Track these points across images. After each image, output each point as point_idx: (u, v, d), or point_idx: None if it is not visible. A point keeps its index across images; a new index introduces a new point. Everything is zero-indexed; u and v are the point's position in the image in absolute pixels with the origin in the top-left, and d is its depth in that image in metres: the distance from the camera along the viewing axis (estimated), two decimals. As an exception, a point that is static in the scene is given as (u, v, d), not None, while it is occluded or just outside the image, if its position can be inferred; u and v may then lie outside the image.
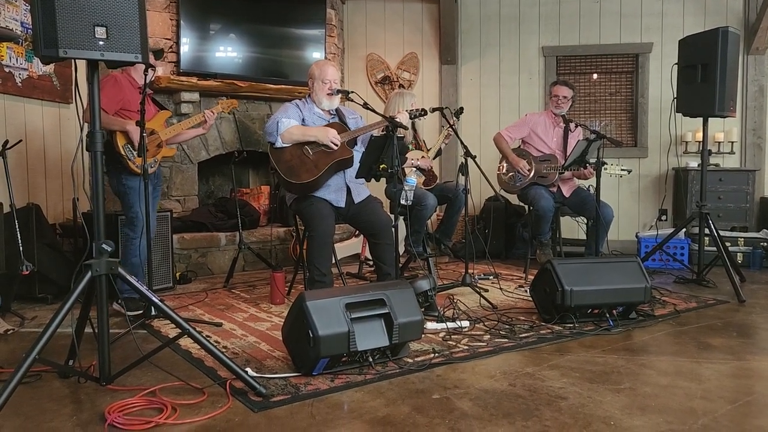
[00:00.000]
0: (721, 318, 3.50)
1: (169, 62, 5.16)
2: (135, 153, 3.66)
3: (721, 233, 4.55)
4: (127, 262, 3.73)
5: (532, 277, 3.60)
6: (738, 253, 5.19)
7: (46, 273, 3.84)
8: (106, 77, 3.65)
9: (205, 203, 5.65)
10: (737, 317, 3.53)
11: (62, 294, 3.86)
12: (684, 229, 5.04)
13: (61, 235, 4.38)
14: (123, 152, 3.62)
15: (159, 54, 4.10)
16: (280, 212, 5.63)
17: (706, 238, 4.42)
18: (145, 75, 3.40)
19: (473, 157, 3.90)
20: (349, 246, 5.37)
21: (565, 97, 4.85)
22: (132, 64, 2.45)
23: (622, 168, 4.39)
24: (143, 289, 2.45)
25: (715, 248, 4.28)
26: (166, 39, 5.20)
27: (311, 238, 3.63)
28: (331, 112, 3.86)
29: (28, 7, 4.09)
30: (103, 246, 2.32)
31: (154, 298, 2.46)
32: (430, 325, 3.20)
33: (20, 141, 3.71)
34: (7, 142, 3.50)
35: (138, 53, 2.36)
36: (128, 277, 2.39)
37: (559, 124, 4.94)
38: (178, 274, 4.57)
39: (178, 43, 5.19)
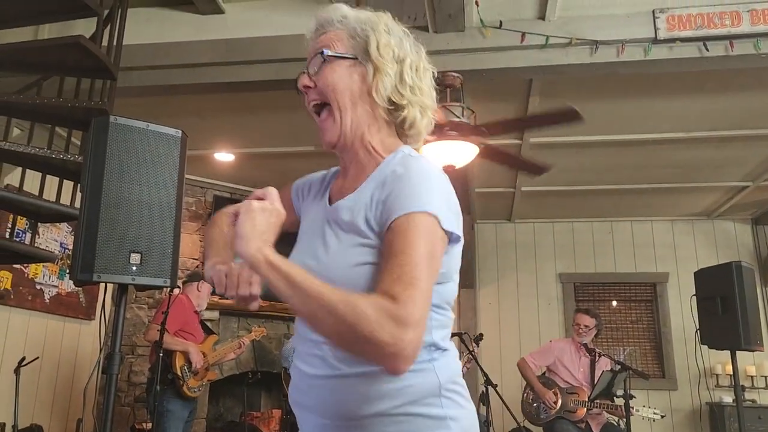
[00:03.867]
0: None
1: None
2: (190, 375, 3.67)
3: (771, 480, 4.15)
4: None
5: None
6: (793, 503, 4.67)
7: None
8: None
9: (213, 426, 5.38)
10: None
11: None
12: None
13: (58, 459, 4.12)
14: (179, 373, 3.63)
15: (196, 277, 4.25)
16: (291, 439, 5.31)
17: (755, 485, 4.01)
18: (170, 295, 3.49)
19: (494, 386, 3.77)
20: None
21: (586, 326, 4.76)
22: (160, 288, 2.51)
23: (655, 411, 4.17)
24: None
25: (767, 497, 3.86)
26: (194, 258, 5.42)
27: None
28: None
29: (70, 229, 4.35)
30: (101, 480, 2.15)
31: None
32: None
33: (37, 358, 3.69)
34: (23, 359, 3.48)
35: (167, 278, 2.43)
36: None
37: (585, 354, 4.79)
38: None
39: (204, 263, 5.38)
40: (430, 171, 1.08)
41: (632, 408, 4.04)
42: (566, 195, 5.78)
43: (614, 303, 6.43)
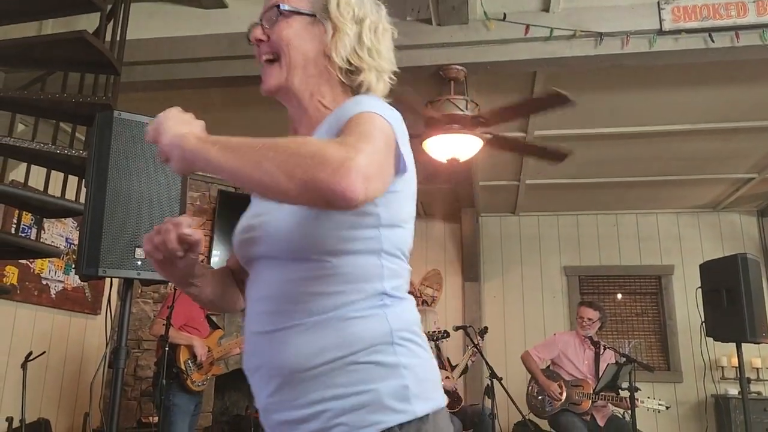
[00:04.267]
0: None
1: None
2: (194, 369, 3.71)
3: (777, 472, 4.15)
4: None
5: None
6: (799, 495, 4.67)
7: (42, 497, 3.58)
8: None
9: (219, 420, 5.41)
10: None
11: None
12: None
13: (65, 453, 4.15)
14: (183, 367, 3.66)
15: None
16: (297, 432, 5.34)
17: (761, 477, 4.02)
18: (174, 290, 3.50)
19: (499, 379, 3.77)
20: (368, 473, 4.97)
21: (590, 319, 4.75)
22: (165, 282, 2.53)
23: (660, 402, 4.17)
24: None
25: (772, 489, 3.86)
26: (199, 254, 5.43)
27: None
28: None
29: (75, 225, 4.37)
30: (109, 473, 2.17)
31: None
32: None
33: (43, 353, 3.71)
34: (30, 354, 3.50)
35: (172, 272, 2.44)
36: None
37: (589, 347, 4.79)
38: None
39: (209, 256, 5.41)
40: (383, 102, 1.05)
41: (637, 400, 4.04)
42: (570, 188, 5.77)
43: (619, 296, 6.43)
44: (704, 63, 3.33)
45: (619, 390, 4.28)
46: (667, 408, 4.26)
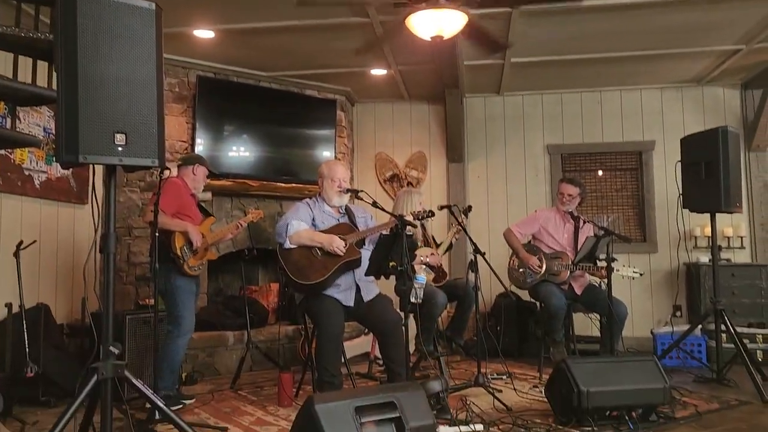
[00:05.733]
0: (746, 420, 3.36)
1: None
2: (189, 254, 3.80)
3: (739, 330, 4.45)
4: (170, 359, 3.72)
5: (547, 377, 3.50)
6: (758, 351, 5.04)
7: (51, 375, 3.77)
8: (167, 181, 3.77)
9: (214, 300, 5.63)
10: (763, 419, 3.38)
11: (66, 397, 3.76)
12: (700, 326, 4.94)
13: (68, 335, 4.34)
14: (179, 253, 3.76)
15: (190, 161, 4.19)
16: (289, 310, 5.58)
17: (723, 335, 4.31)
18: (160, 177, 3.50)
19: (482, 254, 3.91)
20: (359, 344, 5.26)
21: (570, 195, 4.88)
22: (149, 168, 2.53)
23: (635, 270, 4.37)
24: (148, 393, 2.39)
25: (733, 345, 4.17)
26: (182, 141, 5.39)
27: (320, 337, 3.58)
28: (341, 210, 3.93)
29: (52, 114, 4.27)
30: (111, 348, 2.29)
31: (158, 402, 2.40)
32: (443, 429, 3.08)
33: (34, 242, 3.77)
34: (21, 242, 3.56)
35: (155, 158, 2.43)
36: (134, 381, 2.34)
37: (569, 221, 4.94)
38: (184, 375, 4.47)
39: (192, 145, 5.36)
40: None
41: (613, 269, 4.23)
42: (555, 65, 5.66)
43: (600, 172, 6.53)
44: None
45: (597, 260, 4.47)
46: (641, 275, 4.47)
